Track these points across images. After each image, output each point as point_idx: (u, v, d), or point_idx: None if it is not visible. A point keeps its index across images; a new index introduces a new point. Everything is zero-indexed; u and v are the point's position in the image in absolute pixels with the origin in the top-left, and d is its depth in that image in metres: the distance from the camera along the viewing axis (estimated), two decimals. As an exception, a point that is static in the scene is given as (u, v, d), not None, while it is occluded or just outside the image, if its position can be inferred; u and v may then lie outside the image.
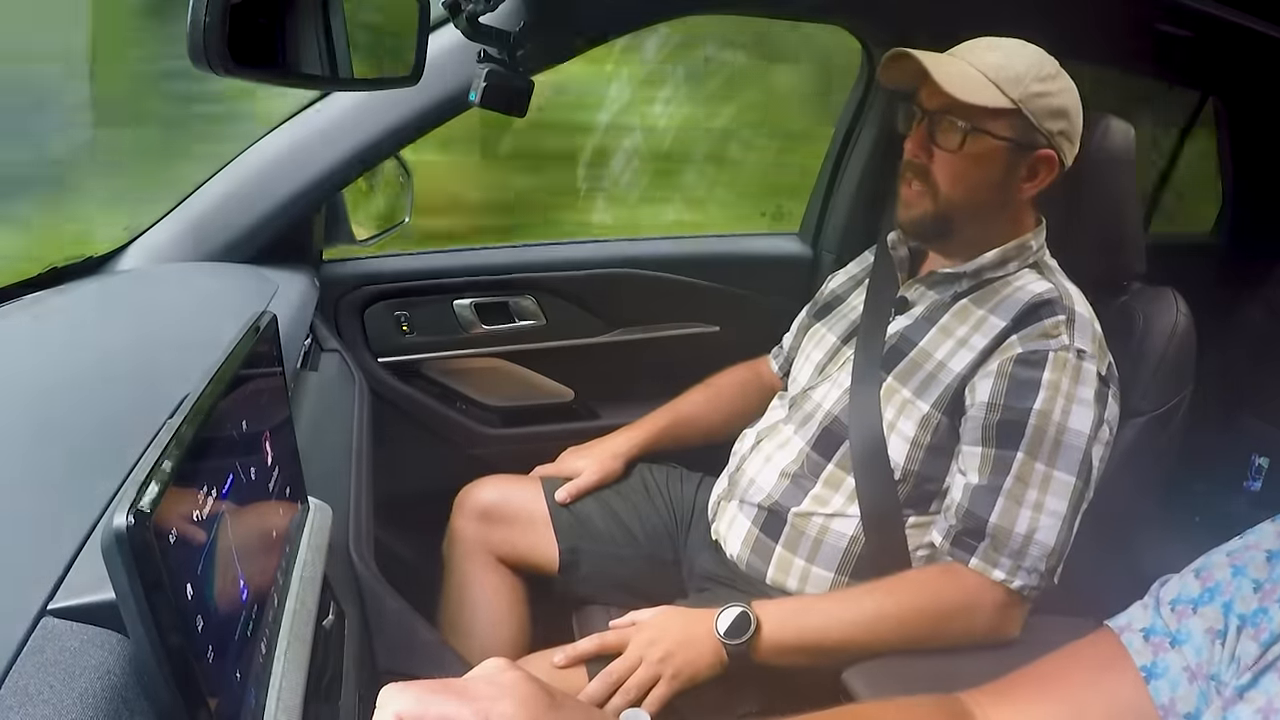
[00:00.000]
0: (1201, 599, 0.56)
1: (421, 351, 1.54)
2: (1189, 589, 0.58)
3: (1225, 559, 0.57)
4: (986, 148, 1.02)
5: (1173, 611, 0.57)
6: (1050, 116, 1.01)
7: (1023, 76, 1.00)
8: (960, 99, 0.98)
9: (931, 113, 1.03)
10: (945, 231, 1.08)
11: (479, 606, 1.24)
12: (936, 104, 1.02)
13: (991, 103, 0.99)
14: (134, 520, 0.39)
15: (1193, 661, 0.55)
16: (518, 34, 0.99)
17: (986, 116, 1.00)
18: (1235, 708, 0.50)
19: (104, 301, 1.08)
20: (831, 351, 1.19)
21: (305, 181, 1.22)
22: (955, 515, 0.99)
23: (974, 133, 1.01)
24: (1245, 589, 0.54)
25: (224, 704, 0.47)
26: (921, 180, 1.06)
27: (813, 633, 0.98)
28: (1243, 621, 0.53)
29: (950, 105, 1.00)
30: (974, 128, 1.01)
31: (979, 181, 1.04)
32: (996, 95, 0.99)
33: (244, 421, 0.58)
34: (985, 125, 1.01)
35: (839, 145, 1.71)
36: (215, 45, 0.70)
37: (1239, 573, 0.55)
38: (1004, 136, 1.01)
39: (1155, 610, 0.59)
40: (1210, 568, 0.57)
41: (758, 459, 1.16)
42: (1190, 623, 0.56)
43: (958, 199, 1.05)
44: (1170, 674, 0.55)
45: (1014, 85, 1.00)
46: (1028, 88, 1.00)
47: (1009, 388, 0.98)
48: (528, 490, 1.30)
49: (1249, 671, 0.51)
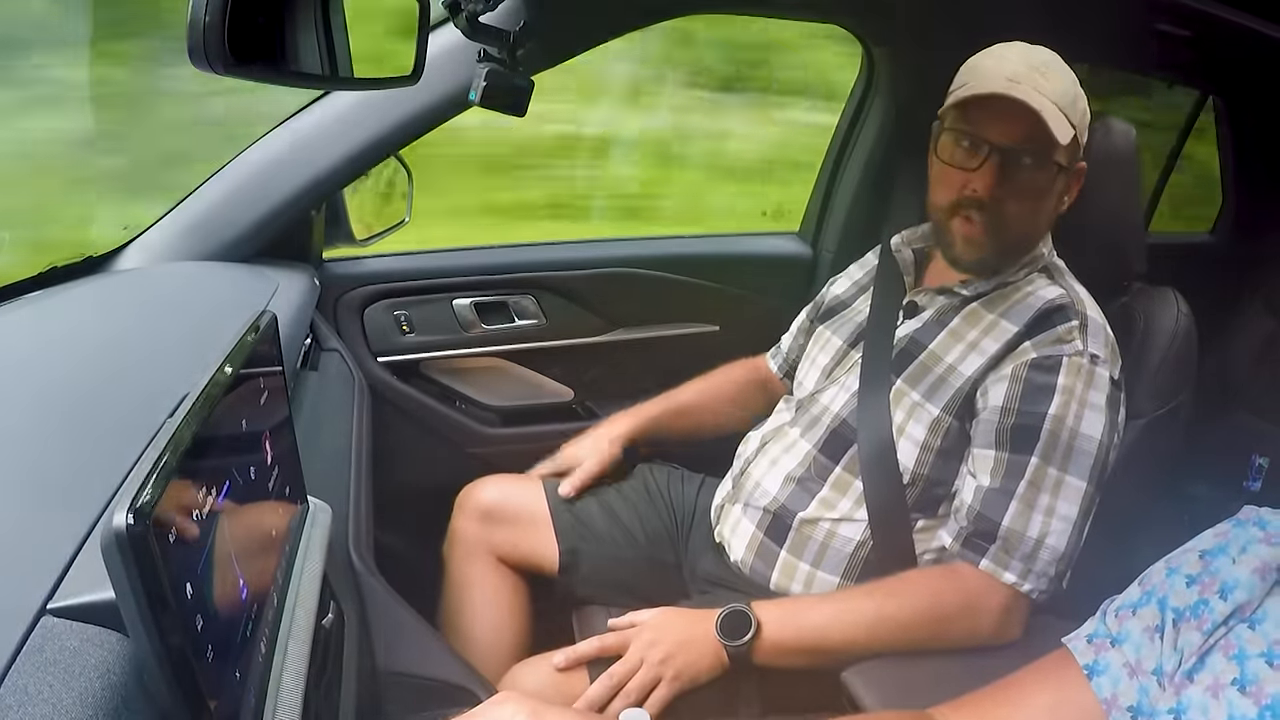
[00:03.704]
0: (1140, 602, 0.62)
1: (421, 351, 1.54)
2: (1131, 596, 0.63)
3: (1163, 564, 0.63)
4: (1049, 176, 1.01)
5: (1115, 617, 0.63)
6: (1087, 129, 1.01)
7: (1076, 97, 0.99)
8: (1058, 141, 0.96)
9: (1003, 148, 0.99)
10: (1005, 263, 1.06)
11: (479, 607, 1.24)
12: (1010, 140, 0.98)
13: (1066, 137, 0.97)
14: (134, 519, 0.39)
15: (1132, 658, 0.60)
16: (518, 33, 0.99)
17: (1060, 148, 0.99)
18: (1186, 691, 0.55)
19: (104, 301, 1.08)
20: (838, 355, 1.18)
21: (305, 180, 1.22)
22: (966, 517, 0.98)
23: (1045, 165, 0.99)
24: (1178, 585, 0.59)
25: (224, 704, 0.47)
26: (986, 216, 1.01)
27: (813, 634, 0.98)
28: (1179, 615, 0.58)
29: (1025, 139, 0.98)
30: (1047, 161, 0.99)
31: (1044, 211, 1.03)
32: (1066, 126, 0.97)
33: (244, 421, 0.58)
34: (1055, 156, 0.99)
35: (839, 145, 1.71)
36: (215, 44, 0.70)
37: (1172, 572, 0.61)
38: (1062, 165, 1.01)
39: (1101, 619, 0.64)
40: (1150, 575, 0.63)
41: (763, 462, 1.16)
42: (1129, 624, 0.61)
43: (1024, 230, 1.04)
44: (1111, 670, 0.60)
45: (1074, 109, 0.98)
46: (1080, 108, 0.99)
47: (1023, 392, 0.98)
48: (528, 490, 1.29)
49: (1195, 656, 0.56)
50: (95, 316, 1.01)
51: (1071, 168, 1.03)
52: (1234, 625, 0.55)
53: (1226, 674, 0.53)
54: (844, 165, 1.70)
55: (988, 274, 1.08)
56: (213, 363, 0.55)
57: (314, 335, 1.27)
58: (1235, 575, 0.57)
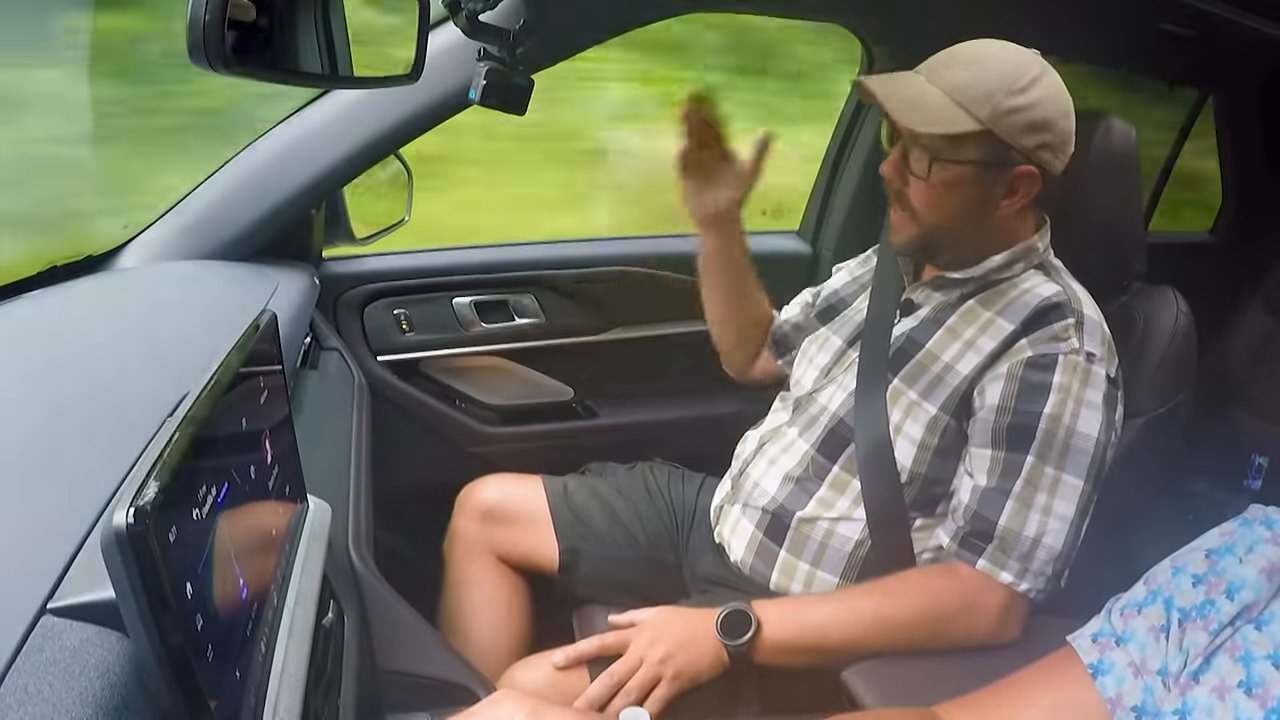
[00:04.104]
0: (1146, 601, 0.61)
1: (421, 350, 1.54)
2: (1136, 595, 0.63)
3: (1169, 563, 0.62)
4: (955, 174, 0.99)
5: (1120, 616, 0.62)
6: (1026, 132, 0.97)
7: (993, 93, 0.95)
8: (916, 130, 0.96)
9: (903, 136, 1.01)
10: (933, 253, 1.08)
11: (480, 606, 1.24)
12: (908, 128, 0.99)
13: (954, 128, 0.95)
14: (134, 519, 0.39)
15: (1137, 658, 0.59)
16: (517, 32, 0.99)
17: (950, 144, 0.97)
18: (1191, 692, 0.54)
19: (103, 300, 1.08)
20: (837, 354, 1.18)
21: (305, 179, 1.22)
22: (963, 517, 0.98)
23: (939, 161, 0.98)
24: (1184, 584, 0.59)
25: (224, 703, 0.47)
26: (901, 205, 1.04)
27: (813, 633, 0.98)
28: (1185, 615, 0.57)
29: (920, 130, 0.97)
30: (937, 157, 0.98)
31: (954, 207, 1.02)
32: (962, 118, 0.96)
33: (244, 420, 0.58)
34: (948, 155, 0.98)
35: (839, 143, 1.71)
36: (215, 43, 0.70)
37: (1178, 572, 0.60)
38: (973, 160, 0.98)
39: (1106, 617, 0.64)
40: (1155, 574, 0.62)
41: (761, 462, 1.16)
42: (1135, 623, 0.61)
43: (937, 223, 1.03)
44: (1116, 670, 0.60)
45: (981, 105, 0.95)
46: (998, 105, 0.95)
47: (1019, 390, 0.98)
48: (529, 490, 1.29)
49: (1200, 657, 0.55)
50: (95, 315, 1.01)
51: (1001, 164, 0.99)
52: (1240, 626, 0.55)
53: (1232, 676, 0.53)
54: (844, 164, 1.70)
55: (921, 260, 1.11)
56: (213, 362, 0.55)
57: (314, 334, 1.27)
58: (1242, 575, 0.56)
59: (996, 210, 1.03)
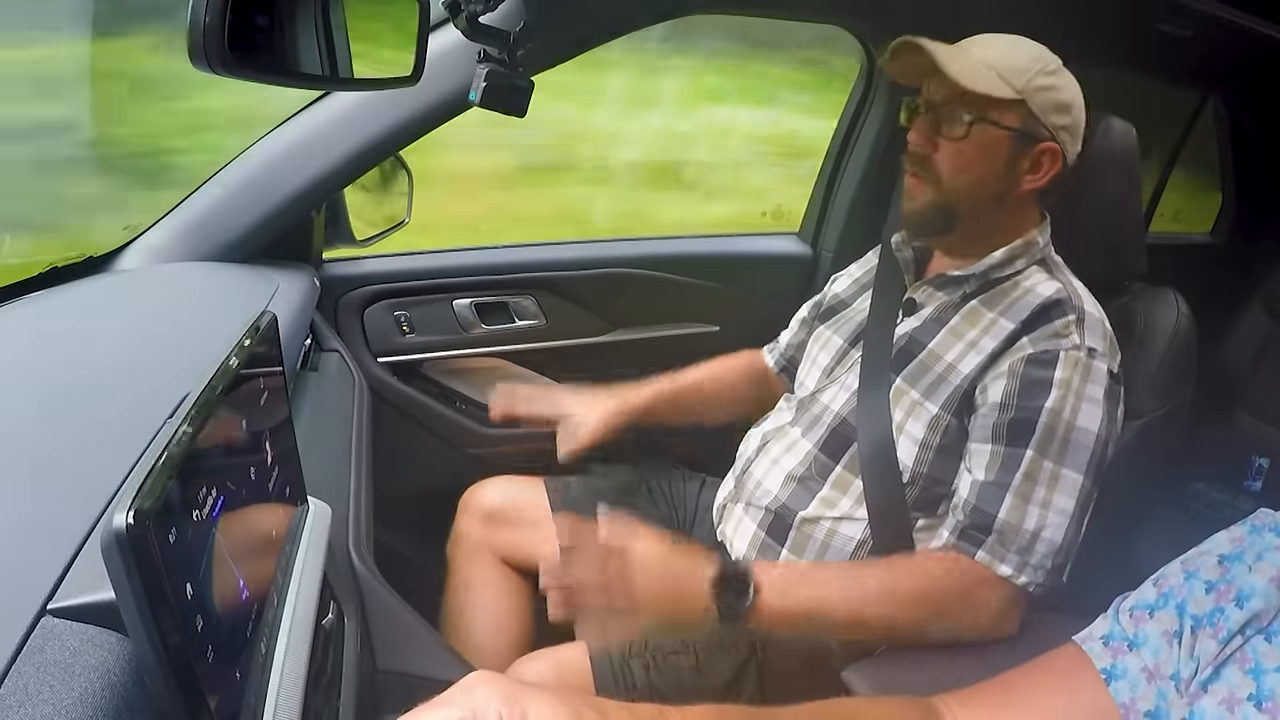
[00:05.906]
0: (1158, 604, 0.60)
1: (421, 351, 1.54)
2: (1146, 596, 0.61)
3: (1179, 566, 0.61)
4: (991, 137, 1.02)
5: (1130, 618, 0.61)
6: (1054, 110, 1.02)
7: (1027, 68, 1.01)
8: (968, 88, 0.99)
9: (937, 104, 1.04)
10: (949, 223, 1.08)
11: (483, 607, 1.24)
12: (942, 95, 1.03)
13: (997, 92, 0.99)
14: (134, 520, 0.39)
15: (1150, 663, 0.58)
16: (518, 34, 0.99)
17: (991, 106, 1.01)
18: (1200, 701, 0.53)
19: (104, 302, 1.08)
20: (839, 354, 1.18)
21: (305, 181, 1.22)
22: (963, 511, 0.98)
23: (979, 122, 1.01)
24: (1197, 590, 0.58)
25: (224, 704, 0.47)
26: (924, 170, 1.06)
27: (810, 601, 0.93)
28: (1197, 622, 0.56)
29: (956, 95, 1.01)
30: (980, 117, 1.01)
31: (982, 171, 1.04)
32: (1002, 85, 1.00)
33: (244, 422, 0.58)
34: (990, 115, 1.01)
35: (839, 144, 1.71)
36: (215, 44, 0.70)
37: (1191, 576, 0.59)
38: (1009, 126, 1.02)
39: (1114, 618, 0.62)
40: (1166, 576, 0.61)
41: (764, 461, 1.16)
42: (1147, 627, 0.59)
43: (960, 188, 1.05)
44: (1129, 675, 0.59)
45: (1018, 76, 1.00)
46: (1032, 79, 1.00)
47: (1020, 387, 0.98)
48: (532, 492, 1.30)
49: (1210, 666, 0.54)
50: (96, 317, 1.01)
51: (1030, 137, 1.03)
52: (1250, 636, 0.54)
53: (1242, 689, 0.52)
54: (844, 165, 1.71)
55: (932, 232, 1.11)
56: (213, 364, 0.55)
57: (314, 336, 1.27)
58: (1251, 583, 0.56)
59: (1018, 185, 1.05)
